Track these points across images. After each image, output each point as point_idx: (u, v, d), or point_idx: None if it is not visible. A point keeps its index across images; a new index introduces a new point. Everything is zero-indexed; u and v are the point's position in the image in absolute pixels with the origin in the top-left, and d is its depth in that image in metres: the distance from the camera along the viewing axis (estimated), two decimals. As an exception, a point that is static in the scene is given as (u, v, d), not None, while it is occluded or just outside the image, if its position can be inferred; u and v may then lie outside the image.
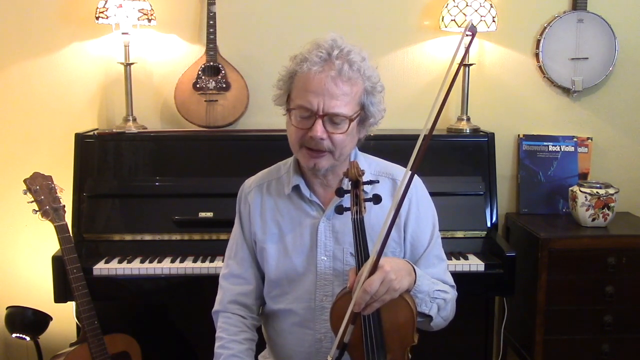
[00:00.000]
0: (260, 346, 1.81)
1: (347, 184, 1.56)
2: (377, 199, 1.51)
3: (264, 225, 1.72)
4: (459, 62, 1.42)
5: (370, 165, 1.74)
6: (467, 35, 1.45)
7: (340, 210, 1.51)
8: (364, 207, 1.51)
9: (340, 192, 1.53)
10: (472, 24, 1.44)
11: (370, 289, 1.39)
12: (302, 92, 1.55)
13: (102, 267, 2.33)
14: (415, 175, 1.71)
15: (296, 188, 1.69)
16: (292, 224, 1.70)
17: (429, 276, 1.63)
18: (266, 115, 2.82)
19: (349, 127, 1.56)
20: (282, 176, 1.75)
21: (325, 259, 1.66)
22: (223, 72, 2.70)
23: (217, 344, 1.70)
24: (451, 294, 1.68)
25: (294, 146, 1.62)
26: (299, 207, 1.70)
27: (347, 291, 1.49)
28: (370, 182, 1.55)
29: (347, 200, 1.55)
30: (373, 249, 1.42)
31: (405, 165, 1.74)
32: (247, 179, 1.82)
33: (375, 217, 1.62)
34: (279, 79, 1.64)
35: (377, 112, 1.63)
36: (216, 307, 1.77)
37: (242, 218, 1.78)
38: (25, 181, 2.24)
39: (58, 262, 2.28)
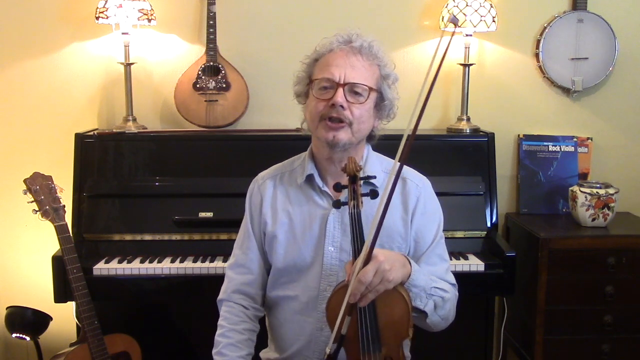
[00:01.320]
0: (261, 343, 1.82)
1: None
2: (373, 194, 1.54)
3: (275, 215, 1.75)
4: (442, 55, 1.46)
5: (382, 163, 1.79)
6: (447, 27, 1.46)
7: (337, 204, 1.55)
8: (361, 202, 1.53)
9: (338, 187, 1.56)
10: (453, 15, 1.47)
11: (365, 279, 1.42)
12: (325, 67, 1.65)
13: (102, 267, 2.33)
14: (424, 177, 1.78)
15: (309, 178, 1.73)
16: (302, 214, 1.73)
17: (428, 272, 1.64)
18: (266, 115, 2.82)
19: (367, 97, 1.64)
20: (295, 168, 1.79)
21: (333, 249, 1.69)
22: (223, 72, 2.70)
23: (217, 332, 1.74)
24: (451, 294, 1.69)
25: (314, 121, 1.66)
26: (310, 198, 1.74)
27: (342, 286, 1.52)
28: (368, 178, 1.58)
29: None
30: (366, 240, 1.44)
31: (411, 166, 1.77)
32: (260, 173, 1.86)
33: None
34: (297, 76, 1.73)
35: (393, 98, 1.72)
36: (220, 295, 1.81)
37: (252, 210, 1.81)
38: (25, 181, 2.24)
39: (58, 262, 2.28)
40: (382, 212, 1.41)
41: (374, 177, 1.61)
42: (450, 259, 2.34)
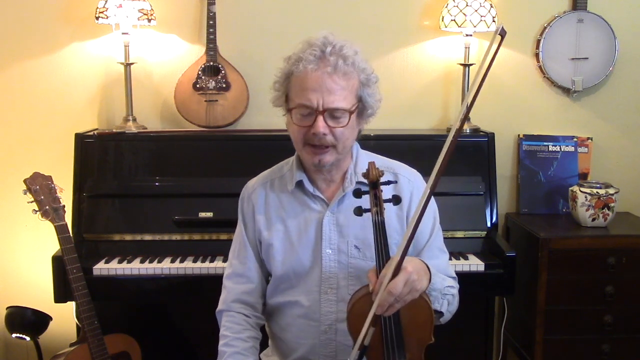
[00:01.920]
0: (262, 345, 1.82)
1: (353, 182, 1.57)
2: (396, 200, 1.52)
3: (269, 223, 1.74)
4: (487, 66, 1.42)
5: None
6: (497, 35, 1.44)
7: (359, 212, 1.52)
8: (384, 208, 1.51)
9: (358, 194, 1.53)
10: (502, 27, 1.44)
11: (395, 291, 1.39)
12: (301, 91, 1.58)
13: (102, 267, 2.33)
14: (415, 171, 1.77)
15: (299, 184, 1.72)
16: (297, 219, 1.72)
17: (437, 270, 1.64)
18: (266, 115, 2.81)
19: (349, 120, 1.59)
20: (285, 174, 1.77)
21: (330, 252, 1.68)
22: (223, 72, 2.70)
23: (221, 342, 1.71)
24: (456, 288, 1.71)
25: (298, 145, 1.65)
26: (303, 203, 1.72)
27: (364, 294, 1.49)
28: (389, 183, 1.57)
29: (362, 201, 1.54)
30: (397, 250, 1.42)
31: (411, 165, 1.76)
32: (250, 180, 1.84)
33: (388, 216, 1.62)
34: (275, 82, 1.68)
35: (374, 103, 1.67)
36: (220, 306, 1.78)
37: (245, 218, 1.79)
38: (25, 181, 2.24)
39: (58, 262, 2.28)
40: (415, 223, 1.38)
41: (395, 182, 1.59)
42: (450, 259, 2.34)
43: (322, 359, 1.70)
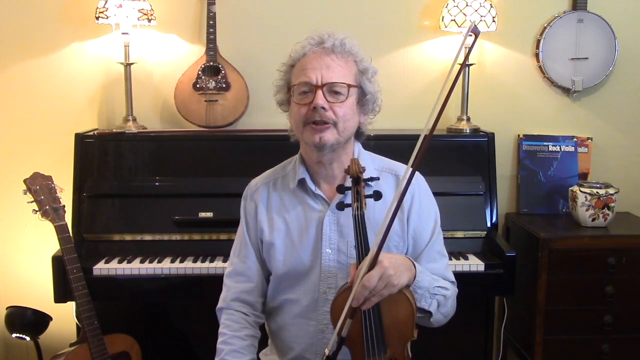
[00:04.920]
0: (261, 344, 1.82)
1: (349, 182, 1.58)
2: (377, 196, 1.54)
3: (271, 222, 1.75)
4: (460, 62, 1.44)
5: (374, 161, 1.78)
6: (469, 35, 1.46)
7: (341, 206, 1.55)
8: (365, 204, 1.53)
9: (341, 189, 1.56)
10: (475, 25, 1.46)
11: (369, 284, 1.42)
12: (301, 72, 1.65)
13: (102, 267, 2.33)
14: (418, 172, 1.74)
15: (301, 182, 1.73)
16: (298, 218, 1.73)
17: (429, 272, 1.65)
18: (266, 115, 2.82)
19: (348, 94, 1.63)
20: (287, 173, 1.79)
21: (330, 251, 1.69)
22: (223, 72, 2.70)
23: (219, 340, 1.73)
24: (451, 291, 1.70)
25: (299, 126, 1.66)
26: (304, 202, 1.73)
27: (348, 286, 1.51)
28: (371, 179, 1.58)
29: (348, 197, 1.57)
30: (373, 244, 1.44)
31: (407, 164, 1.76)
32: (253, 179, 1.85)
33: (380, 213, 1.64)
34: (277, 81, 1.73)
35: (374, 91, 1.70)
36: (220, 304, 1.80)
37: (247, 217, 1.80)
38: (25, 181, 2.24)
39: (58, 262, 2.28)
40: (390, 218, 1.40)
41: (377, 179, 1.61)
42: (450, 259, 2.36)
43: (318, 358, 1.70)
